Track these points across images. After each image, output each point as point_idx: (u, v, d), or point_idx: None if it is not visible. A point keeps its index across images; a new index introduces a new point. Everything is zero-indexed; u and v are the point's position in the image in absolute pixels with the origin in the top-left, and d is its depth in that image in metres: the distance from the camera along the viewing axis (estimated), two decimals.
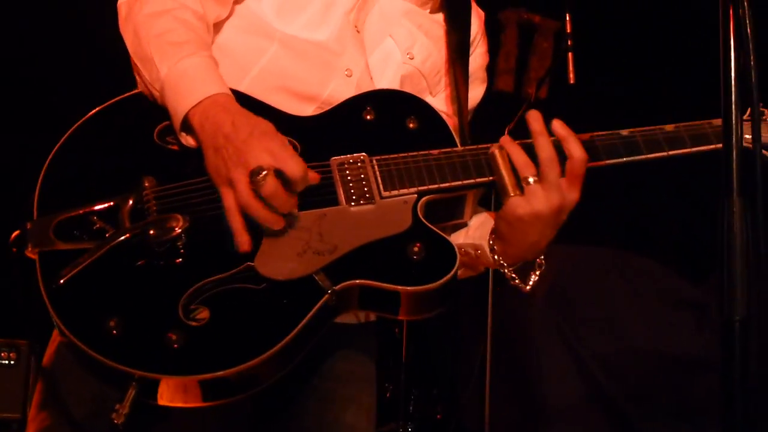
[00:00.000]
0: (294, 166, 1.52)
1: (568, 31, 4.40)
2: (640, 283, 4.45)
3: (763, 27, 1.37)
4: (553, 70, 4.48)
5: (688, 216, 4.49)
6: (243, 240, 1.56)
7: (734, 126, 1.33)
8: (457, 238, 1.85)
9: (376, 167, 1.70)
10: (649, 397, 4.28)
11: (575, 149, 1.67)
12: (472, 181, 1.72)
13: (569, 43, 4.36)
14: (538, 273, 1.79)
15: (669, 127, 1.78)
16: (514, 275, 1.78)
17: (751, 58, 1.33)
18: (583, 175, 1.69)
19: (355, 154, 1.71)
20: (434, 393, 4.62)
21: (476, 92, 2.08)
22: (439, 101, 2.01)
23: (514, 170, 1.68)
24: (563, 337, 4.33)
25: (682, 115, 1.82)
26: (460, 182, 1.71)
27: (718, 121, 1.75)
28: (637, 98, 5.09)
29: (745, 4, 1.33)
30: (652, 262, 4.45)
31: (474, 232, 1.83)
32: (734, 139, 1.33)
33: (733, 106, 1.33)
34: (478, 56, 2.09)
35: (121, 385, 1.48)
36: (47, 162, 1.66)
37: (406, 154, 1.71)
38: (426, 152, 1.72)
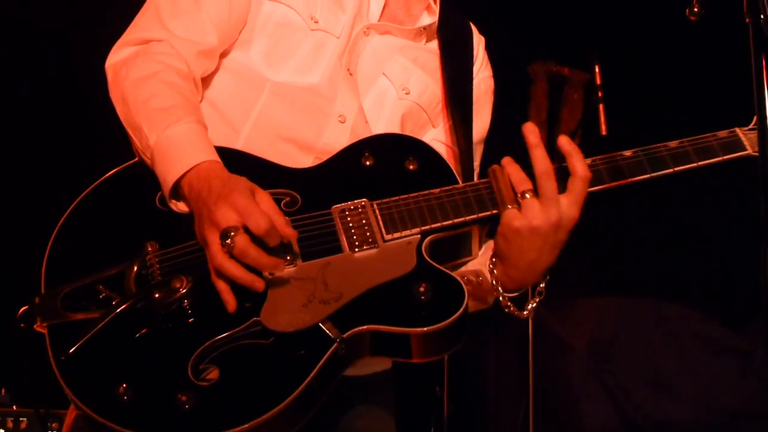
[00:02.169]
0: (257, 220, 1.50)
1: (598, 82, 4.42)
2: (679, 331, 4.38)
3: None
4: (585, 122, 4.48)
5: (725, 262, 4.44)
6: (228, 301, 1.54)
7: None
8: (461, 269, 1.82)
9: (377, 211, 1.68)
10: None
11: (579, 167, 1.64)
12: (474, 216, 1.69)
13: (599, 94, 4.38)
14: (537, 300, 1.73)
15: (673, 143, 1.74)
16: (509, 303, 1.71)
17: None
18: (585, 194, 1.65)
19: (355, 201, 1.70)
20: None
21: (484, 120, 2.05)
22: (442, 132, 2.00)
23: (512, 187, 1.65)
24: (606, 389, 4.25)
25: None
26: (462, 218, 1.68)
27: (723, 133, 1.74)
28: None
29: None
30: (690, 309, 4.40)
31: (477, 260, 1.80)
32: None
33: None
34: (482, 81, 2.07)
35: None
36: (53, 235, 1.67)
37: (407, 196, 1.69)
38: (427, 192, 1.70)
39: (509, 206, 1.64)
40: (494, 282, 1.72)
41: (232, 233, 1.49)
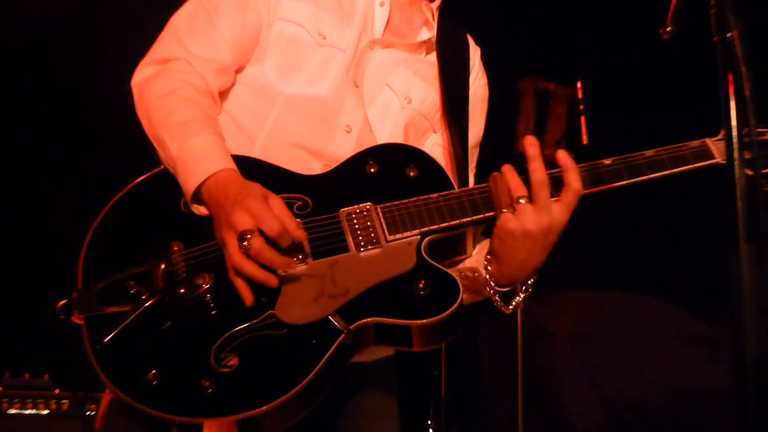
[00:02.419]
0: (270, 224, 1.51)
1: (580, 97, 4.42)
2: (655, 322, 4.39)
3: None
4: (569, 132, 4.49)
5: (697, 260, 4.44)
6: (246, 296, 1.55)
7: (737, 178, 1.31)
8: (459, 265, 1.82)
9: (380, 214, 1.68)
10: (666, 425, 4.20)
11: (574, 181, 1.63)
12: (468, 219, 1.68)
13: (581, 107, 4.38)
14: (522, 296, 1.72)
15: (649, 152, 1.74)
16: (497, 298, 1.72)
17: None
18: (575, 204, 1.65)
19: (361, 205, 1.69)
20: (473, 422, 4.57)
21: (478, 125, 2.04)
22: (440, 137, 1.98)
23: (510, 192, 1.64)
24: (587, 375, 4.26)
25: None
26: (458, 221, 1.68)
27: (694, 143, 1.74)
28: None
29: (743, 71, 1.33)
30: (665, 302, 4.39)
31: (474, 257, 1.79)
32: (738, 191, 1.30)
33: (736, 166, 1.32)
34: (478, 89, 2.05)
35: (163, 429, 1.50)
36: (89, 235, 1.67)
37: (407, 200, 1.69)
38: (426, 197, 1.69)
39: (505, 210, 1.63)
40: (488, 277, 1.71)
41: (248, 236, 1.50)
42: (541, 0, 4.96)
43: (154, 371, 1.51)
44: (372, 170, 1.76)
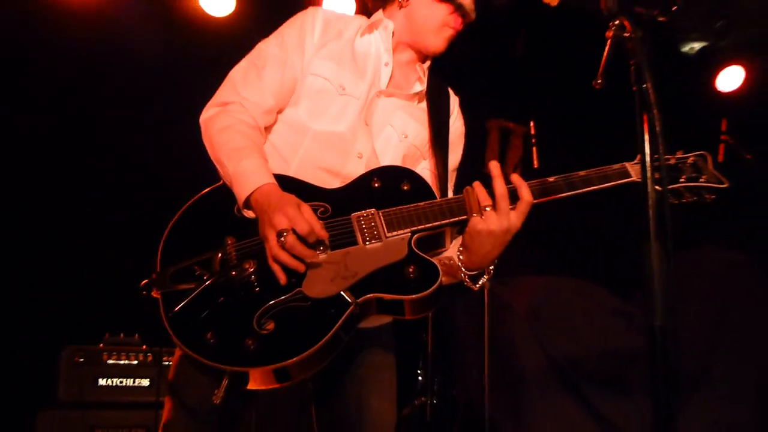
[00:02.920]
0: (302, 226, 1.53)
1: (533, 133, 4.43)
2: (588, 299, 4.38)
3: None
4: (523, 160, 4.50)
5: (619, 252, 4.44)
6: (280, 278, 1.55)
7: (650, 189, 1.30)
8: (439, 256, 1.80)
9: (381, 217, 1.67)
10: (596, 377, 4.19)
11: (526, 194, 1.64)
12: (447, 221, 1.67)
13: (533, 141, 4.39)
14: (486, 278, 1.72)
15: (582, 172, 1.73)
16: (467, 280, 1.72)
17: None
18: (527, 211, 1.65)
19: (367, 210, 1.68)
20: (450, 377, 4.56)
21: (456, 154, 2.01)
22: (428, 163, 1.97)
23: (479, 202, 1.65)
24: (538, 339, 4.25)
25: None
26: (438, 222, 1.67)
27: (617, 165, 1.73)
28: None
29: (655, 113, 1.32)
30: (595, 284, 4.38)
31: (450, 249, 1.78)
32: (650, 203, 1.30)
33: (648, 183, 1.31)
34: (457, 127, 2.03)
35: (218, 377, 1.49)
36: (166, 231, 1.67)
37: (401, 207, 1.68)
38: (415, 205, 1.69)
39: (475, 215, 1.64)
40: (460, 264, 1.71)
41: (285, 234, 1.51)
42: (504, 62, 4.97)
43: (211, 333, 1.52)
44: (376, 185, 1.75)
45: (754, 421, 4.26)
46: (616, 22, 1.38)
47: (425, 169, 1.96)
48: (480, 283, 1.73)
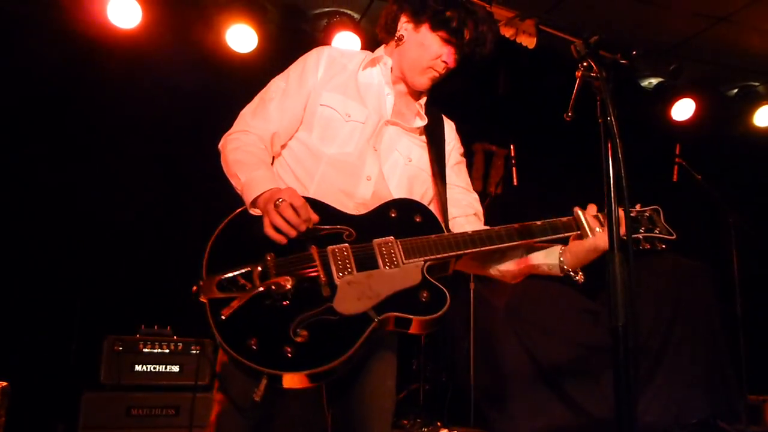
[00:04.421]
0: (296, 199, 1.57)
1: (513, 154, 4.44)
2: (560, 299, 4.38)
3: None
4: (504, 178, 4.51)
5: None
6: (279, 239, 1.58)
7: (614, 217, 1.32)
8: (537, 258, 1.83)
9: (399, 245, 1.66)
10: (566, 367, 4.18)
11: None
12: (453, 253, 1.69)
13: (513, 161, 4.40)
14: (581, 273, 1.78)
15: (538, 222, 1.79)
16: (571, 273, 1.77)
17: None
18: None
19: (387, 237, 1.68)
20: (440, 365, 4.54)
21: (461, 174, 2.00)
22: (431, 181, 1.95)
23: (589, 224, 1.73)
24: (516, 335, 4.24)
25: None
26: (447, 254, 1.68)
27: (564, 218, 1.78)
28: (556, 190, 5.09)
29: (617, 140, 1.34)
30: (566, 287, 4.38)
31: (545, 258, 1.81)
32: (614, 226, 1.31)
33: (613, 203, 1.33)
34: (454, 152, 2.01)
35: (258, 378, 1.48)
36: (210, 242, 1.63)
37: (416, 238, 1.68)
38: (427, 237, 1.69)
39: (590, 235, 1.72)
40: (565, 267, 1.78)
41: (281, 200, 1.56)
42: (488, 94, 5.00)
43: (254, 339, 1.50)
44: (393, 215, 1.73)
45: (705, 402, 4.26)
46: (585, 63, 1.40)
47: (429, 189, 1.95)
48: (579, 277, 1.79)
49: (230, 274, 1.56)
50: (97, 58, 4.15)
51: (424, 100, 1.97)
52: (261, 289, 1.54)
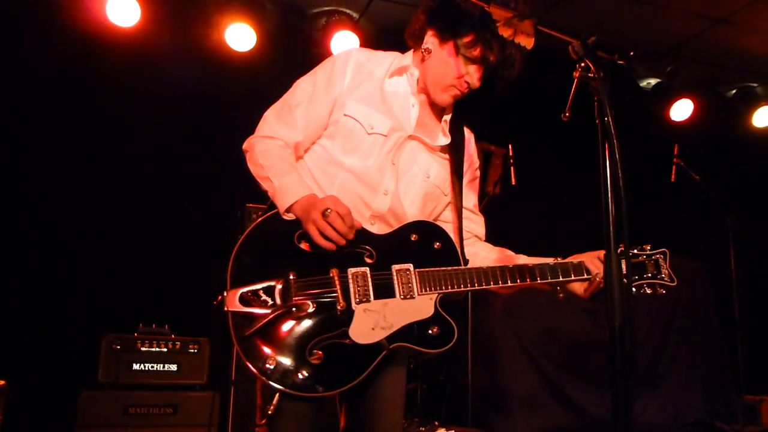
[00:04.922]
0: (342, 208, 1.60)
1: (511, 154, 4.45)
2: (558, 298, 4.39)
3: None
4: (502, 177, 4.51)
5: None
6: (328, 246, 1.61)
7: (612, 226, 1.32)
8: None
9: (416, 275, 1.69)
10: (566, 365, 4.18)
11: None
12: (467, 288, 1.72)
13: (511, 161, 4.41)
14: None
15: (550, 261, 1.86)
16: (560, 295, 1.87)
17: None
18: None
19: (405, 264, 1.70)
20: (438, 365, 4.54)
21: (466, 198, 1.98)
22: (450, 196, 1.94)
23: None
24: (514, 333, 4.25)
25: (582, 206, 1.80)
26: (459, 289, 1.70)
27: (575, 261, 1.84)
28: (555, 190, 5.10)
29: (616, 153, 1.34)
30: None
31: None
32: (612, 236, 1.32)
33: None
34: (471, 171, 2.00)
35: (272, 393, 1.55)
36: (233, 254, 1.63)
37: (433, 269, 1.71)
38: (444, 269, 1.71)
39: (597, 279, 1.79)
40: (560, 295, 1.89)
41: (329, 210, 1.59)
42: (486, 94, 4.99)
43: (271, 357, 1.55)
44: (413, 238, 1.74)
45: (703, 402, 4.26)
46: (582, 64, 1.40)
47: (439, 206, 1.94)
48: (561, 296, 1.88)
49: (253, 287, 1.60)
50: (96, 56, 4.15)
51: (449, 117, 1.94)
52: (283, 310, 1.58)
